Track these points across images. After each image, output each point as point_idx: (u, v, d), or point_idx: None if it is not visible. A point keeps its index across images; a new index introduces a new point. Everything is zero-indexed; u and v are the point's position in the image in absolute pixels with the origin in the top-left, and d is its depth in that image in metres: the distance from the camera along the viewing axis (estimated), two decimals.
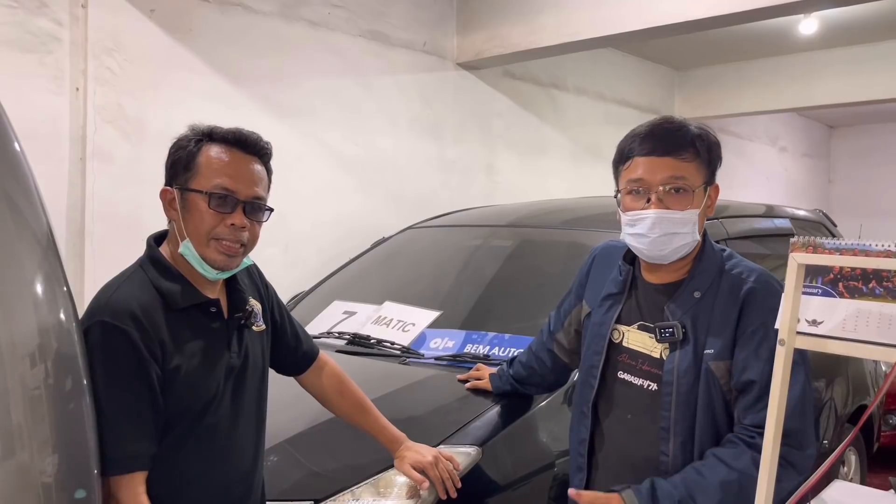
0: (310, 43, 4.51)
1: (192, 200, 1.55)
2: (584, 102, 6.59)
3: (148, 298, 1.51)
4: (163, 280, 1.54)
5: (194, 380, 1.52)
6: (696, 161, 1.64)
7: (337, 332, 2.87)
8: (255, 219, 1.62)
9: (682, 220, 1.62)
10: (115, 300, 1.48)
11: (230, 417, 1.60)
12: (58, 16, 3.47)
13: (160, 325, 1.49)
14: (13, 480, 1.24)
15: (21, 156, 1.39)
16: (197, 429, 1.54)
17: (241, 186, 1.57)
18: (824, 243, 1.21)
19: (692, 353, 1.64)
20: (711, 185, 1.69)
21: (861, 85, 6.66)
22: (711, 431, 1.63)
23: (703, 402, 1.62)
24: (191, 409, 1.53)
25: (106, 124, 3.62)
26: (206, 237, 1.55)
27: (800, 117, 10.18)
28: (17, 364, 1.26)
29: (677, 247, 1.64)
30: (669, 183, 1.62)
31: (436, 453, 1.88)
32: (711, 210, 1.70)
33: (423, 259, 3.52)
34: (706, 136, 1.67)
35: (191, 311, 1.56)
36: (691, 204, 1.63)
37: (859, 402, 3.88)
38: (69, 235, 3.54)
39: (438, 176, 5.33)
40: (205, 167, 1.56)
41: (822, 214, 4.42)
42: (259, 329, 1.71)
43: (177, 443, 1.52)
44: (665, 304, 1.69)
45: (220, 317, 1.61)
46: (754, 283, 1.64)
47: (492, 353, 2.51)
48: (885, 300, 1.14)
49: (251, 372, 1.65)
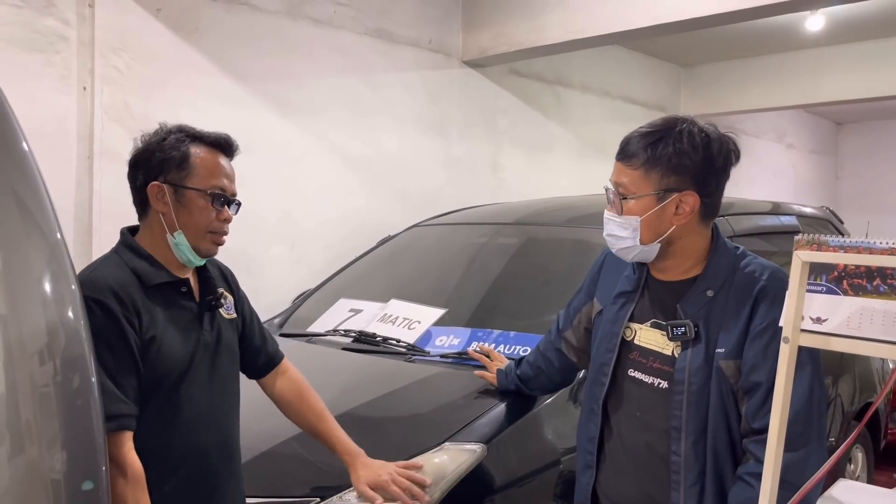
0: (315, 41, 4.51)
1: (190, 197, 1.70)
2: (590, 99, 6.58)
3: (123, 276, 1.64)
4: (136, 261, 1.68)
5: (168, 351, 1.64)
6: (641, 169, 1.64)
7: (343, 330, 2.89)
8: (235, 213, 1.80)
9: (620, 225, 1.68)
10: (94, 277, 1.61)
11: (206, 390, 1.72)
12: (65, 15, 3.49)
13: (136, 298, 1.62)
14: (23, 476, 1.25)
15: (29, 154, 1.39)
16: (174, 397, 1.66)
17: (231, 186, 1.77)
18: (829, 241, 1.22)
19: (704, 352, 1.63)
20: (681, 192, 1.64)
21: (867, 81, 6.63)
22: (724, 431, 1.63)
23: (714, 401, 1.62)
24: (167, 378, 1.64)
25: (113, 123, 3.63)
26: (204, 231, 1.71)
27: (807, 114, 10.14)
28: (26, 362, 1.27)
29: (621, 249, 1.70)
30: (616, 188, 1.68)
31: (391, 470, 1.85)
32: (683, 219, 1.65)
33: (429, 257, 3.53)
34: (675, 142, 1.63)
35: (163, 289, 1.69)
36: (629, 211, 1.66)
37: (866, 400, 3.87)
38: (77, 234, 3.56)
39: (444, 173, 5.33)
40: (200, 167, 1.71)
41: (829, 211, 4.41)
42: (230, 316, 1.84)
43: (157, 410, 1.63)
44: (678, 303, 1.69)
45: (191, 297, 1.75)
46: (766, 281, 1.63)
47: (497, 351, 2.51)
48: (890, 298, 1.15)
49: (223, 350, 1.78)
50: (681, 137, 1.63)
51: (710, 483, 1.62)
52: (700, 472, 1.63)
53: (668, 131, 1.65)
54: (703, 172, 1.64)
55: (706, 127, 1.69)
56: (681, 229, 1.66)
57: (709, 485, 1.62)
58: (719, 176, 1.68)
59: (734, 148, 1.69)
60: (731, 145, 1.69)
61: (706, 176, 1.65)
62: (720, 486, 1.63)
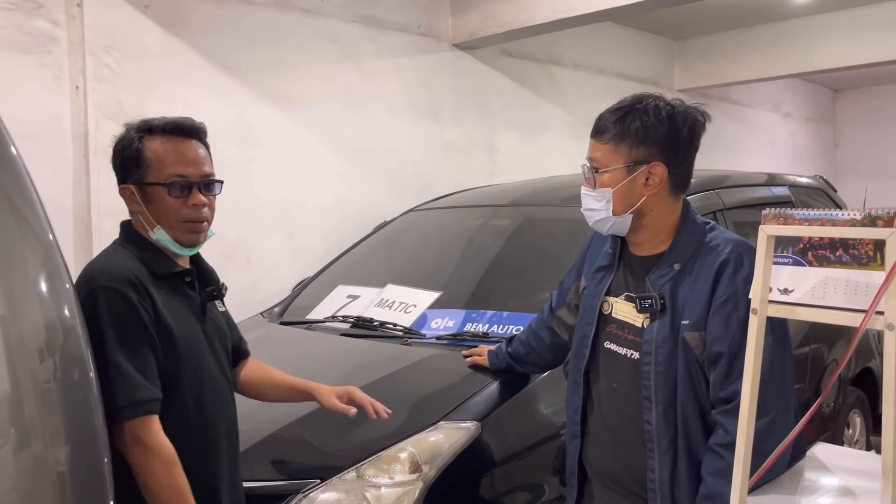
0: (305, 31, 4.53)
1: (153, 192, 1.69)
2: (583, 77, 6.57)
3: (135, 266, 1.65)
4: (144, 252, 1.70)
5: (182, 341, 1.67)
6: (611, 143, 1.73)
7: (341, 316, 2.93)
8: (209, 193, 1.75)
9: (594, 198, 1.76)
10: (109, 267, 1.63)
11: (214, 378, 1.75)
12: (54, 16, 3.52)
13: (150, 288, 1.63)
14: (29, 471, 1.29)
15: (18, 159, 1.43)
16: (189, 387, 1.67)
17: (191, 169, 1.71)
18: (794, 214, 1.25)
19: (669, 324, 1.70)
20: (650, 164, 1.71)
21: (861, 48, 6.61)
22: (692, 399, 1.69)
23: (682, 371, 1.68)
24: (183, 368, 1.66)
25: (107, 121, 3.67)
26: (177, 222, 1.70)
27: (803, 82, 10.09)
28: (26, 359, 1.31)
29: (596, 221, 1.78)
30: (590, 163, 1.76)
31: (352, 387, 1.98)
32: (653, 189, 1.73)
33: (425, 241, 3.57)
34: (642, 116, 1.71)
35: (172, 280, 1.71)
36: (602, 183, 1.73)
37: (863, 365, 3.92)
38: (77, 232, 3.60)
39: (438, 157, 5.36)
40: (154, 160, 1.69)
41: (823, 180, 4.43)
42: (221, 309, 1.89)
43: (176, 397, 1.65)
44: (647, 276, 1.75)
45: (195, 287, 1.76)
46: (728, 254, 1.68)
47: (491, 331, 2.56)
48: (852, 267, 1.19)
49: (219, 341, 1.81)
50: (647, 111, 1.71)
51: (682, 450, 1.69)
52: (672, 440, 1.69)
53: (634, 106, 1.73)
54: (669, 144, 1.72)
55: (673, 101, 1.76)
56: (651, 201, 1.73)
57: (681, 451, 1.69)
58: (686, 147, 1.75)
59: (701, 118, 1.76)
60: (697, 115, 1.75)
61: (673, 147, 1.72)
62: (692, 452, 1.69)
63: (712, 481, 1.60)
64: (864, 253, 1.17)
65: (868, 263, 1.16)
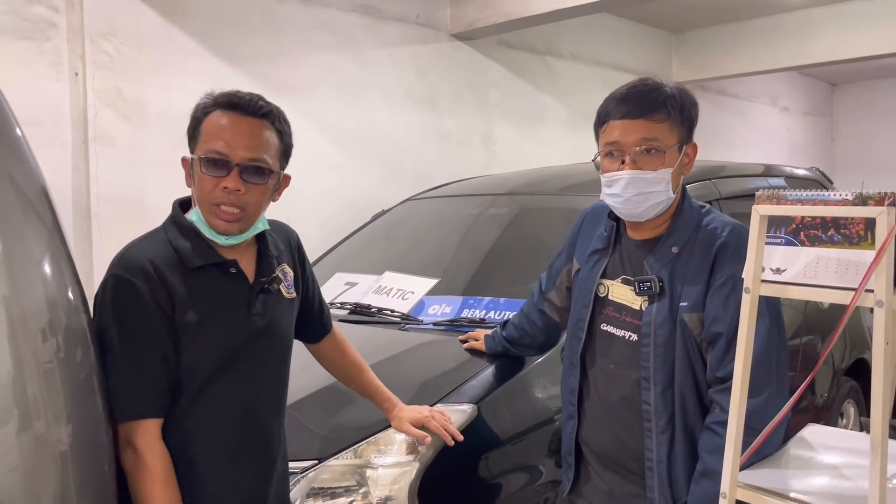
0: (303, 20, 4.54)
1: (196, 167, 1.56)
2: (581, 69, 6.58)
3: (163, 254, 1.54)
4: (180, 239, 1.57)
5: (209, 337, 1.54)
6: (668, 121, 1.70)
7: (339, 303, 2.96)
8: (252, 181, 1.56)
9: (655, 180, 1.69)
10: (129, 255, 1.53)
11: (251, 379, 1.60)
12: (53, 2, 3.52)
13: (171, 279, 1.51)
14: (32, 450, 1.30)
15: (23, 140, 1.44)
16: (213, 386, 1.55)
17: (234, 149, 1.54)
18: (787, 195, 1.28)
19: (668, 306, 1.71)
20: (688, 144, 1.75)
21: (859, 41, 6.62)
22: (690, 379, 1.71)
23: (680, 352, 1.70)
24: (206, 365, 1.54)
25: (106, 108, 3.68)
26: (207, 203, 1.55)
27: (801, 76, 10.10)
28: (29, 339, 1.31)
29: (651, 205, 1.72)
30: (642, 144, 1.69)
31: (429, 409, 1.99)
32: (689, 168, 1.77)
33: (423, 229, 3.59)
34: (681, 96, 1.73)
35: (209, 270, 1.57)
36: (663, 164, 1.70)
37: (857, 356, 3.95)
38: (76, 218, 3.62)
39: (436, 147, 5.37)
40: (203, 132, 1.57)
41: (819, 172, 4.45)
42: (289, 296, 1.71)
43: (193, 397, 1.54)
44: (645, 259, 1.77)
45: (242, 278, 1.61)
46: (727, 238, 1.70)
47: (488, 317, 2.58)
48: (843, 246, 1.21)
49: (275, 336, 1.65)
50: (673, 92, 1.73)
51: (679, 429, 1.71)
52: (669, 419, 1.71)
53: (661, 86, 1.73)
54: (693, 123, 1.76)
55: None
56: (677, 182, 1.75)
57: (678, 430, 1.71)
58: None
59: None
60: None
61: (693, 127, 1.77)
62: (689, 431, 1.71)
63: (709, 458, 1.63)
64: (854, 232, 1.19)
65: (859, 242, 1.18)
